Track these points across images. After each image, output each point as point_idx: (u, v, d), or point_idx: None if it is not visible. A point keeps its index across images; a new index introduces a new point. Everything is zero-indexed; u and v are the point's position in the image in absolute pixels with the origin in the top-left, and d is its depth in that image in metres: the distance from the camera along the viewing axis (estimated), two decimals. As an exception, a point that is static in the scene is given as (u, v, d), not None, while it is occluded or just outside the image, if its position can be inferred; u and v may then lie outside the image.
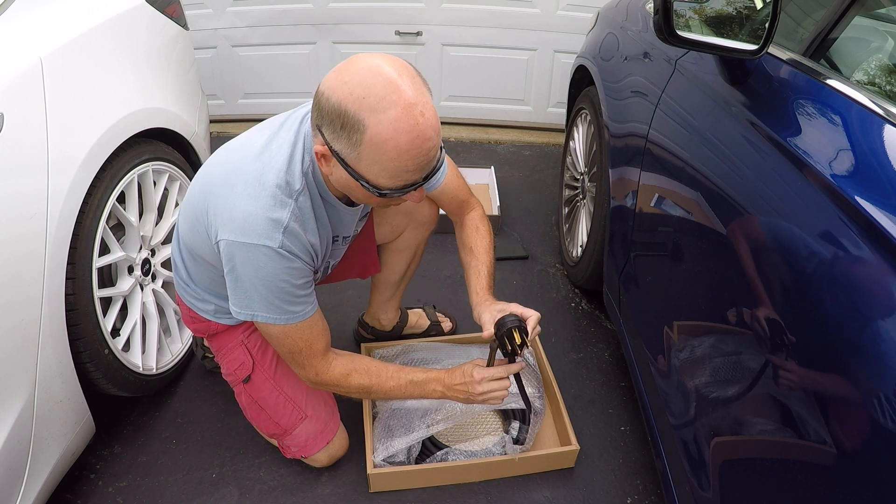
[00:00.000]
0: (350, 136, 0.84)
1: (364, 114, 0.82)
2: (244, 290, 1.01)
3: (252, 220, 0.94)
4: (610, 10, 2.04)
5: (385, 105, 0.82)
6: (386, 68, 0.84)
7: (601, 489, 1.36)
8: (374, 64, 0.84)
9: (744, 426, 0.86)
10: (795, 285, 0.78)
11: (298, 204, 0.98)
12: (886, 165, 0.75)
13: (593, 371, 1.69)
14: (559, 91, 3.04)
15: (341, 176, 0.93)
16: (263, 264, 0.96)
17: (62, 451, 1.17)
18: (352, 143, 0.85)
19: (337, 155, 0.88)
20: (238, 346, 1.28)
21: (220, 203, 0.97)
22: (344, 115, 0.83)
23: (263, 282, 0.98)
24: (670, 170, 1.20)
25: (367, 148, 0.85)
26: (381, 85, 0.82)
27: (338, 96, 0.83)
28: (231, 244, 0.96)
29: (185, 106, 1.71)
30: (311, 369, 1.12)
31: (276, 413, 1.28)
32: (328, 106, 0.84)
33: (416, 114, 0.84)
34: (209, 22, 2.99)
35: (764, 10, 1.13)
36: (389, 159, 0.86)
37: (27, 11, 1.26)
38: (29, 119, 1.11)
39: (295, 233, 0.98)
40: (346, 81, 0.83)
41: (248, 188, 0.95)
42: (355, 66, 0.84)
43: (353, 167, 0.88)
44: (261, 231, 0.94)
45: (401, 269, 1.53)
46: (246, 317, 1.04)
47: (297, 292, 1.03)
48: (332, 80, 0.85)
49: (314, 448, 1.30)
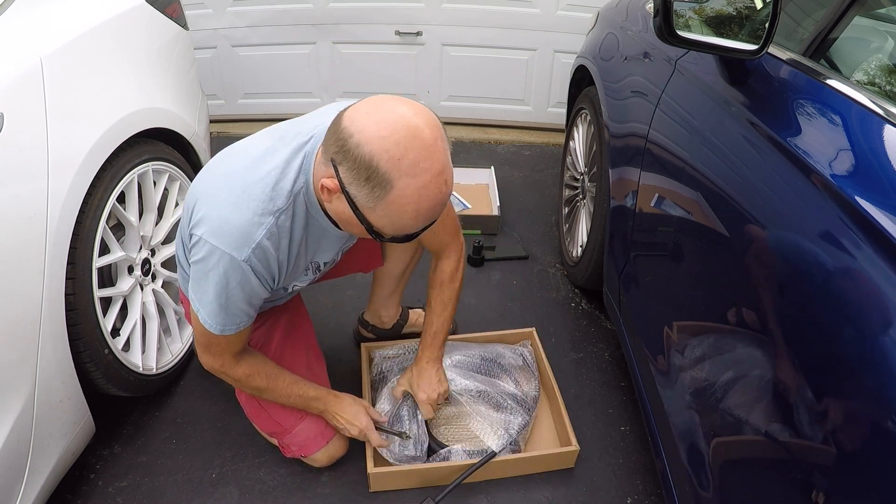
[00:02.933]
0: (373, 189, 0.83)
1: (394, 175, 0.81)
2: (199, 285, 1.02)
3: (227, 228, 0.95)
4: (610, 10, 2.04)
5: (417, 171, 0.81)
6: (424, 130, 0.82)
7: (601, 489, 1.36)
8: (414, 124, 0.82)
9: (744, 426, 0.86)
10: (795, 285, 0.78)
11: (278, 223, 0.97)
12: (886, 165, 0.75)
13: (593, 371, 1.69)
14: (559, 91, 3.04)
15: (342, 211, 0.92)
16: (223, 271, 0.97)
17: (62, 451, 1.17)
18: (373, 197, 0.84)
19: (349, 197, 0.86)
20: None
21: (204, 202, 0.98)
22: (374, 171, 0.81)
23: (217, 286, 0.99)
24: (670, 170, 1.20)
25: (387, 205, 0.84)
26: (417, 149, 0.81)
27: (371, 149, 0.80)
28: (203, 242, 0.96)
29: (185, 106, 1.71)
30: (219, 361, 1.14)
31: (276, 411, 1.28)
32: (358, 154, 0.81)
33: (440, 182, 0.84)
34: (209, 22, 2.99)
35: (764, 10, 1.13)
36: (404, 218, 0.86)
37: (27, 11, 1.26)
38: (29, 119, 1.11)
39: (265, 250, 0.97)
40: (383, 136, 0.80)
41: (231, 197, 0.96)
42: (393, 120, 0.81)
43: (363, 213, 0.88)
44: (232, 240, 0.95)
45: (403, 262, 1.52)
46: (195, 307, 1.05)
47: (242, 306, 1.04)
48: (367, 126, 0.81)
49: (314, 448, 1.30)
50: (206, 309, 1.03)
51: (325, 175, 0.89)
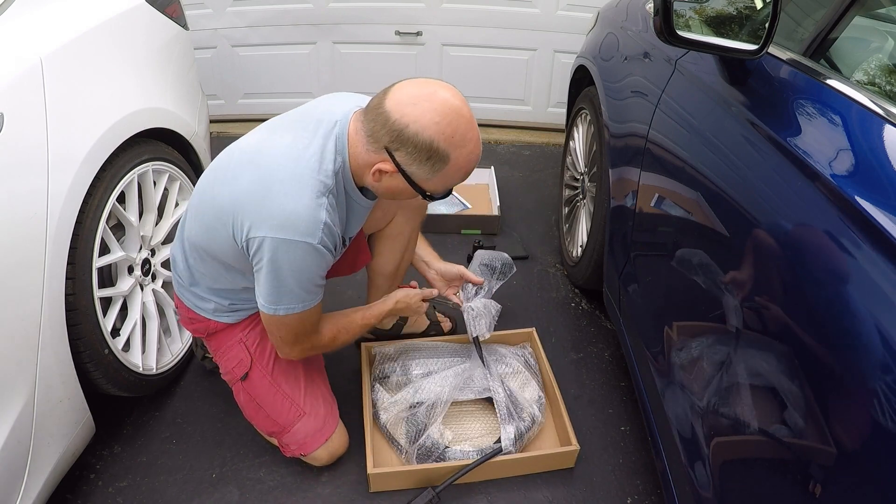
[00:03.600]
0: (433, 165, 1.00)
1: (451, 150, 0.99)
2: (276, 285, 1.05)
3: (294, 218, 1.00)
4: (610, 10, 2.04)
5: (464, 142, 0.99)
6: (462, 107, 0.99)
7: (601, 489, 1.36)
8: (455, 105, 0.98)
9: (744, 426, 0.86)
10: (795, 285, 0.78)
11: (330, 202, 1.04)
12: (886, 165, 0.75)
13: (593, 371, 1.69)
14: (559, 91, 3.04)
15: (394, 186, 1.06)
16: (300, 259, 1.02)
17: (62, 451, 1.17)
18: (433, 171, 1.01)
19: (406, 174, 1.02)
20: (236, 343, 1.29)
21: (255, 202, 1.01)
22: (434, 150, 0.98)
23: (296, 275, 1.04)
24: (670, 170, 1.20)
25: (444, 174, 1.02)
26: (462, 125, 0.98)
27: (430, 134, 0.97)
28: (271, 241, 1.00)
29: (185, 106, 1.71)
30: (308, 343, 1.19)
31: (273, 411, 1.28)
32: (418, 140, 0.97)
33: (478, 145, 1.04)
34: (209, 22, 2.99)
35: (764, 10, 1.13)
36: (455, 179, 1.05)
37: (27, 11, 1.26)
38: (29, 119, 1.11)
39: (329, 228, 1.04)
40: (437, 122, 0.96)
41: (285, 187, 1.01)
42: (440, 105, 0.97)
43: (420, 184, 1.04)
44: (302, 228, 1.00)
45: (395, 259, 1.52)
46: (271, 311, 1.09)
47: (320, 282, 1.11)
48: (421, 115, 0.96)
49: (313, 445, 1.30)
50: (288, 299, 1.07)
51: (377, 161, 1.02)
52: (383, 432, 1.42)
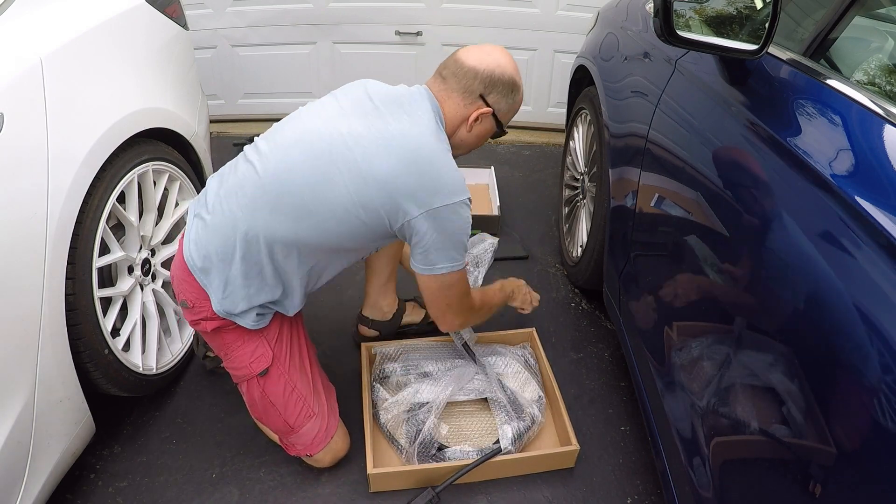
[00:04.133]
0: (514, 95, 1.24)
1: (518, 79, 1.24)
2: (455, 244, 1.17)
3: (455, 183, 1.13)
4: (610, 10, 2.04)
5: (520, 73, 1.25)
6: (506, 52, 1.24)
7: (601, 489, 1.36)
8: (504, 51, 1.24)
9: (744, 426, 0.86)
10: (795, 285, 0.78)
11: None
12: (886, 165, 0.75)
13: (593, 371, 1.69)
14: (559, 91, 3.04)
15: (483, 129, 1.26)
16: (466, 214, 1.16)
17: (62, 451, 1.17)
18: (513, 100, 1.24)
19: (495, 114, 1.23)
20: (256, 337, 1.25)
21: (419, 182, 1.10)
22: (513, 83, 1.22)
23: (465, 230, 1.17)
24: (670, 170, 1.20)
25: (517, 103, 1.26)
26: (513, 62, 1.24)
27: (510, 71, 1.21)
28: (442, 209, 1.11)
29: (185, 106, 1.71)
30: (469, 302, 1.31)
31: (286, 410, 1.28)
32: (504, 77, 1.20)
33: None
34: (209, 22, 2.99)
35: (764, 10, 1.13)
36: (518, 108, 1.29)
37: (27, 11, 1.26)
38: (29, 119, 1.11)
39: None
40: (509, 62, 1.22)
41: (440, 160, 1.13)
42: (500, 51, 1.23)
43: (502, 118, 1.26)
44: (462, 188, 1.14)
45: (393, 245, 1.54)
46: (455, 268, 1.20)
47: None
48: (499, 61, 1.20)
49: (318, 446, 1.30)
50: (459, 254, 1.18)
51: (474, 110, 1.21)
52: (383, 432, 1.42)
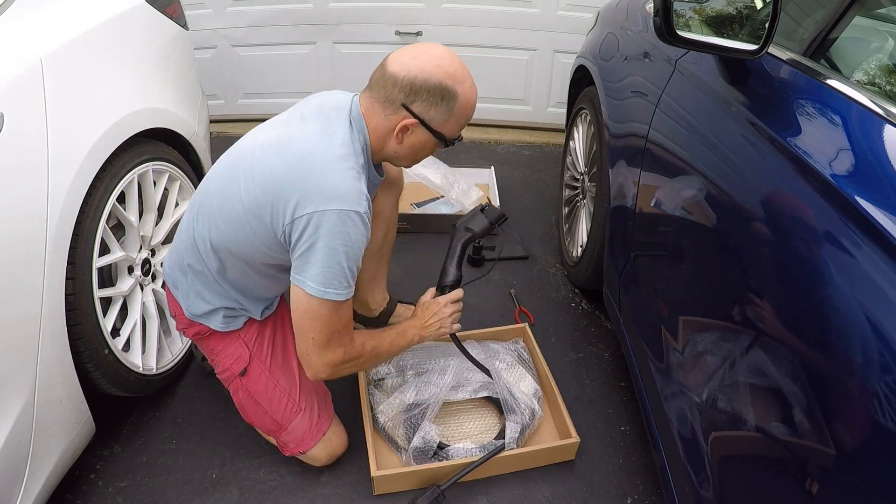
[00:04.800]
0: (448, 103, 1.09)
1: (456, 85, 1.09)
2: (329, 263, 1.04)
3: (342, 189, 1.03)
4: (610, 10, 2.04)
5: (464, 77, 1.10)
6: (449, 53, 1.10)
7: (601, 489, 1.36)
8: (445, 52, 1.10)
9: (744, 425, 0.86)
10: (795, 285, 0.78)
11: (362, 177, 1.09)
12: (886, 165, 0.75)
13: (593, 371, 1.69)
14: (559, 91, 3.04)
15: (416, 141, 1.14)
16: (351, 230, 1.03)
17: (62, 451, 1.17)
18: (448, 109, 1.10)
19: (424, 122, 1.10)
20: (234, 340, 1.29)
21: (299, 182, 1.02)
22: (444, 89, 1.08)
23: (349, 250, 1.05)
24: (670, 170, 1.20)
25: (456, 112, 1.11)
26: (457, 64, 1.10)
27: (438, 77, 1.07)
28: (322, 214, 1.01)
29: (186, 106, 1.71)
30: (342, 348, 1.15)
31: (272, 407, 1.28)
32: (429, 85, 1.07)
33: (474, 80, 1.13)
34: (209, 22, 2.99)
35: (764, 10, 1.13)
36: (465, 115, 1.14)
37: (27, 11, 1.26)
38: (29, 119, 1.11)
39: (368, 201, 1.08)
40: (439, 65, 1.07)
41: (329, 164, 1.04)
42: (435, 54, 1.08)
43: (439, 129, 1.12)
44: (351, 198, 1.03)
45: (379, 236, 1.53)
46: (321, 293, 1.06)
47: (359, 263, 1.10)
48: (423, 65, 1.06)
49: (311, 442, 1.30)
50: (336, 281, 1.05)
51: (398, 121, 1.10)
52: (382, 435, 1.42)
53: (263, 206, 1.05)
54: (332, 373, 1.16)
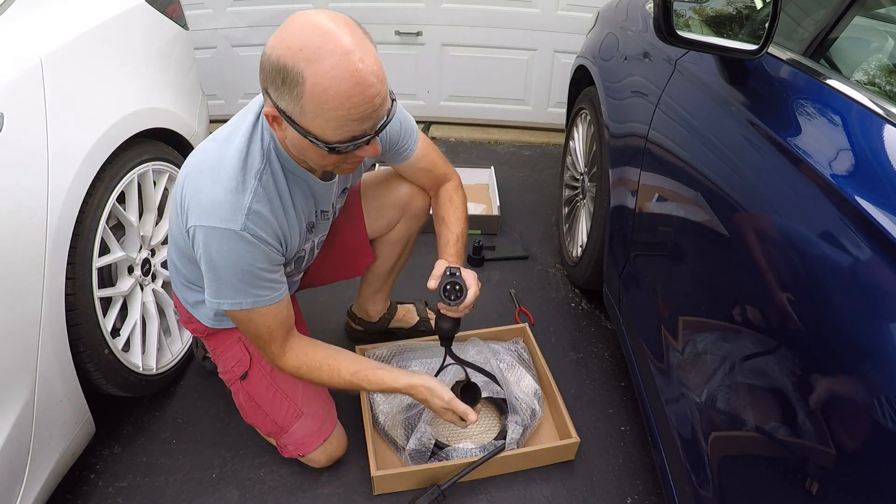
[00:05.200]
0: (292, 89, 0.83)
1: (302, 65, 0.81)
2: (213, 276, 1.01)
3: (215, 204, 0.95)
4: (610, 10, 2.04)
5: (322, 54, 0.81)
6: (322, 20, 0.83)
7: (601, 489, 1.36)
8: (311, 18, 0.83)
9: (744, 425, 0.86)
10: (795, 285, 0.78)
11: (262, 183, 0.98)
12: (886, 165, 0.75)
13: (593, 371, 1.69)
14: (559, 91, 3.04)
15: (294, 137, 0.92)
16: (228, 247, 0.97)
17: (62, 451, 1.17)
18: (294, 97, 0.84)
19: (283, 113, 0.87)
20: (235, 343, 1.29)
21: (189, 190, 0.98)
22: (284, 70, 0.82)
23: (229, 264, 0.99)
24: (670, 170, 1.20)
25: (309, 100, 0.83)
26: (317, 35, 0.81)
27: (277, 52, 0.82)
28: (199, 228, 0.97)
29: (186, 106, 1.71)
30: (269, 354, 1.13)
31: (272, 410, 1.28)
32: (269, 64, 0.84)
33: (354, 60, 0.82)
34: (209, 22, 2.99)
35: (764, 10, 1.13)
36: (332, 108, 0.84)
37: (27, 11, 1.26)
38: (29, 119, 1.11)
39: (259, 214, 0.98)
40: (283, 38, 0.83)
41: (211, 173, 0.97)
42: (293, 23, 0.84)
43: (300, 123, 0.87)
44: (224, 214, 0.95)
45: (391, 261, 1.54)
46: (215, 305, 1.04)
47: (264, 275, 1.03)
48: (272, 39, 0.84)
49: (311, 446, 1.30)
50: (230, 292, 1.02)
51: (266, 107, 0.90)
52: (382, 435, 1.42)
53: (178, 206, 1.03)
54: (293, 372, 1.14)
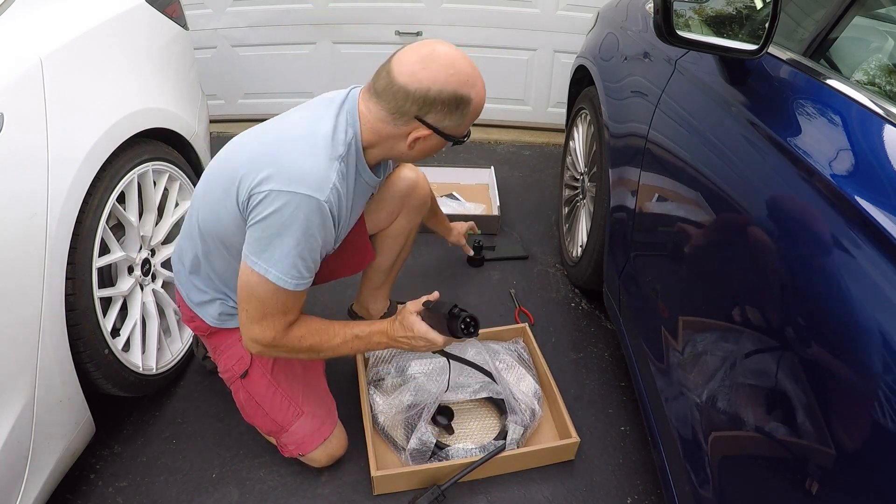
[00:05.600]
0: (462, 111, 1.07)
1: (469, 91, 1.06)
2: (272, 240, 1.01)
3: (304, 173, 1.00)
4: (610, 10, 2.04)
5: (474, 80, 1.07)
6: (459, 52, 1.06)
7: (601, 489, 1.36)
8: (453, 54, 1.05)
9: (744, 426, 0.86)
10: (795, 285, 0.78)
11: (343, 168, 1.06)
12: (886, 165, 0.75)
13: (593, 371, 1.69)
14: (559, 91, 3.04)
15: (429, 145, 1.11)
16: (305, 216, 1.00)
17: (62, 451, 1.17)
18: (462, 116, 1.08)
19: (440, 132, 1.07)
20: (236, 342, 1.28)
21: (267, 159, 1.01)
22: (459, 98, 1.05)
23: (298, 233, 1.00)
24: (670, 170, 1.20)
25: (469, 114, 1.09)
26: (467, 66, 1.05)
27: (452, 86, 1.03)
28: (279, 193, 0.99)
29: (186, 106, 1.71)
30: (272, 332, 1.11)
31: (272, 409, 1.28)
32: (442, 96, 1.03)
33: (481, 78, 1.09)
34: (209, 22, 2.99)
35: (764, 10, 1.13)
36: (476, 114, 1.12)
37: (27, 11, 1.26)
38: (29, 119, 1.11)
39: (338, 192, 1.04)
40: (451, 73, 1.02)
41: (298, 147, 1.03)
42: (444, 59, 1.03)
43: (451, 133, 1.09)
44: (312, 183, 1.00)
45: (392, 256, 1.55)
46: (257, 266, 1.03)
47: (316, 256, 1.07)
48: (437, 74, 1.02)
49: (311, 445, 1.30)
50: (281, 264, 1.02)
51: (410, 131, 1.07)
52: (382, 434, 1.42)
53: (233, 180, 1.03)
54: (260, 351, 1.14)
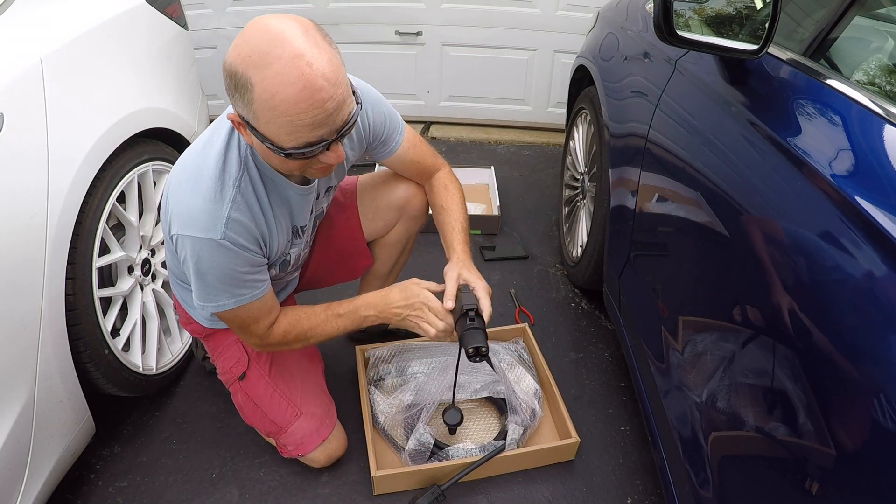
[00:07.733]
0: (243, 96, 0.83)
1: (250, 71, 0.80)
2: (197, 281, 1.03)
3: (195, 214, 0.96)
4: (610, 10, 2.04)
5: (269, 60, 0.79)
6: (275, 24, 0.81)
7: (601, 489, 1.36)
8: (264, 23, 0.82)
9: (743, 425, 0.86)
10: (795, 285, 0.78)
11: (241, 191, 0.99)
12: (886, 165, 0.75)
13: (593, 371, 1.69)
14: (559, 91, 3.04)
15: (257, 144, 0.92)
16: (208, 255, 0.98)
17: (62, 451, 1.17)
18: (246, 103, 0.83)
19: (242, 118, 0.87)
20: (233, 343, 1.29)
21: (172, 199, 0.99)
22: (235, 77, 0.82)
23: (210, 271, 1.00)
24: (670, 170, 1.20)
25: (260, 106, 0.82)
26: (266, 41, 0.80)
27: (230, 59, 0.82)
28: (181, 237, 0.98)
29: (186, 106, 1.71)
30: (256, 338, 1.14)
31: (271, 410, 1.28)
32: (224, 71, 0.84)
33: (301, 65, 0.80)
34: (209, 22, 2.99)
35: (764, 10, 1.13)
36: (281, 114, 0.82)
37: (27, 11, 1.26)
38: (29, 119, 1.11)
39: (239, 222, 0.98)
40: (237, 44, 0.82)
41: (191, 182, 0.97)
42: (248, 28, 0.83)
43: (256, 128, 0.86)
44: (203, 224, 0.95)
45: (390, 263, 1.53)
46: (201, 307, 1.06)
47: (246, 277, 1.04)
48: (230, 46, 0.83)
49: (310, 446, 1.30)
50: (219, 298, 1.04)
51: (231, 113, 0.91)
52: (382, 434, 1.42)
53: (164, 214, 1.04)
54: (263, 349, 1.17)
